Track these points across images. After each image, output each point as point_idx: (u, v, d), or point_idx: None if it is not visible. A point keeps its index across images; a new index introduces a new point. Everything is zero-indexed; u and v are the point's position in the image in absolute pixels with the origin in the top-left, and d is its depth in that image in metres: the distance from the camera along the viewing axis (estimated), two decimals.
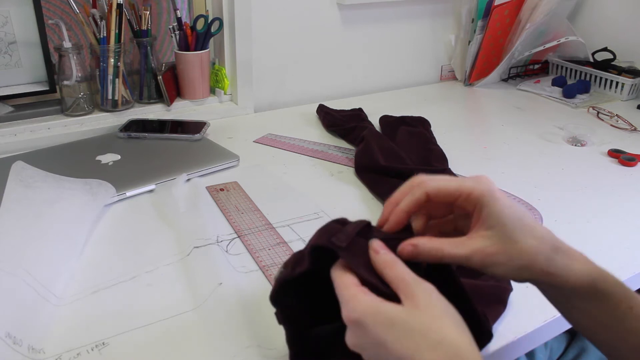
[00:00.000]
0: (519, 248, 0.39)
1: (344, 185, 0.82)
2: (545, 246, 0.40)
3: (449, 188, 0.41)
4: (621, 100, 1.25)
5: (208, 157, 0.86)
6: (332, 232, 0.42)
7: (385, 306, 0.36)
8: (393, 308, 0.36)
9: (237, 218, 0.71)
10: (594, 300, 0.41)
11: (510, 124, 1.10)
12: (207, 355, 0.49)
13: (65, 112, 0.97)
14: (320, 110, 1.08)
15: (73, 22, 0.98)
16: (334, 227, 0.43)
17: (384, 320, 0.36)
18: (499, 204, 0.40)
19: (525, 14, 1.26)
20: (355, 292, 0.37)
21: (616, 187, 0.84)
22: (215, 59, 1.13)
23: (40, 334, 0.50)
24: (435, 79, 1.40)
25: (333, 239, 0.40)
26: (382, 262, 0.39)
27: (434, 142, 0.94)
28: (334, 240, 0.40)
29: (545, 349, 0.72)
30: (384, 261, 0.39)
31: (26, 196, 0.66)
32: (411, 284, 0.37)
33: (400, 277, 0.38)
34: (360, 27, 1.22)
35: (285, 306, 0.44)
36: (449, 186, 0.42)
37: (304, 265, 0.41)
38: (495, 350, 0.51)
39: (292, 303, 0.44)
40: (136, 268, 0.61)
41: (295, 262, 0.43)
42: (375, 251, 0.40)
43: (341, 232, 0.41)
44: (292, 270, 0.42)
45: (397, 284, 0.38)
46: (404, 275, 0.38)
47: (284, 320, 0.45)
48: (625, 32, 1.32)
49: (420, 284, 0.37)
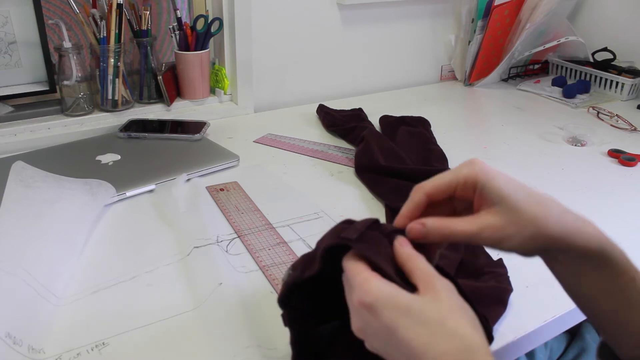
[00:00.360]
0: (527, 217, 0.39)
1: (344, 185, 0.82)
2: (553, 210, 0.40)
3: (445, 180, 0.42)
4: (621, 100, 1.25)
5: (208, 157, 0.86)
6: (341, 231, 0.41)
7: (401, 293, 0.36)
8: (410, 296, 0.36)
9: (237, 218, 0.71)
10: (600, 267, 0.41)
11: (510, 124, 1.10)
12: (207, 355, 0.49)
13: (65, 112, 0.97)
14: (320, 110, 1.08)
15: (73, 22, 0.98)
16: (342, 226, 0.42)
17: (399, 306, 0.35)
18: (496, 180, 0.40)
19: (525, 14, 1.26)
20: (368, 276, 0.37)
21: (616, 187, 0.84)
22: (215, 59, 1.13)
23: (40, 334, 0.50)
24: (435, 79, 1.40)
25: (342, 234, 0.40)
26: (407, 254, 0.39)
27: (434, 142, 0.94)
28: (343, 235, 0.40)
29: (545, 349, 0.72)
30: (408, 254, 0.39)
31: (26, 196, 0.66)
32: (434, 276, 0.37)
33: (422, 268, 0.38)
34: (360, 27, 1.22)
35: (292, 308, 0.44)
36: (444, 178, 0.42)
37: (315, 268, 0.41)
38: (495, 350, 0.51)
39: (298, 305, 0.44)
40: (136, 268, 0.61)
41: (305, 265, 0.42)
42: (400, 244, 0.40)
43: (350, 229, 0.41)
44: (301, 273, 0.42)
45: (418, 274, 0.38)
46: (426, 268, 0.38)
47: (290, 322, 0.44)
48: (625, 32, 1.32)
49: (441, 279, 0.37)
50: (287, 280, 0.43)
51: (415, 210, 0.42)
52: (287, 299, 0.43)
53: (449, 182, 0.41)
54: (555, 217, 0.40)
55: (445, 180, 0.41)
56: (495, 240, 0.39)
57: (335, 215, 0.73)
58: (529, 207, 0.39)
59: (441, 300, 0.36)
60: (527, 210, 0.39)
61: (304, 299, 0.44)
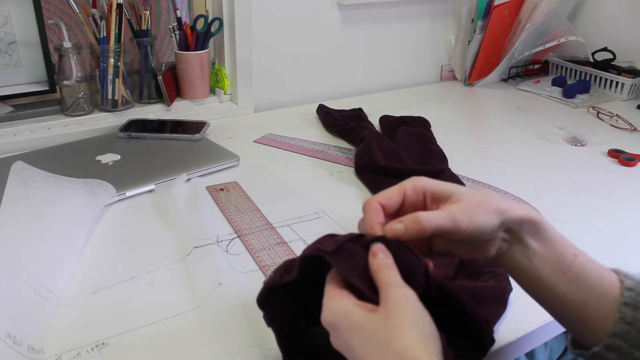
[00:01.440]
0: (478, 198, 0.42)
1: (344, 185, 0.82)
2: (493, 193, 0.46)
3: (393, 190, 0.44)
4: (621, 100, 1.25)
5: (208, 157, 0.86)
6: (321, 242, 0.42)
7: (356, 311, 0.37)
8: (364, 314, 0.37)
9: (237, 218, 0.71)
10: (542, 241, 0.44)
11: (510, 124, 1.10)
12: (207, 355, 0.49)
13: (65, 112, 0.97)
14: (320, 110, 1.08)
15: (73, 22, 0.98)
16: (325, 238, 0.43)
17: (352, 326, 0.36)
18: (439, 182, 0.44)
19: (525, 14, 1.26)
20: (332, 295, 0.38)
21: (616, 187, 0.84)
22: (215, 59, 1.13)
23: (40, 334, 0.50)
24: (435, 79, 1.40)
25: (320, 245, 0.41)
26: (377, 265, 0.39)
27: (434, 142, 0.94)
28: (320, 247, 0.41)
29: (545, 349, 0.72)
30: (378, 264, 0.39)
31: (26, 196, 0.66)
32: (390, 289, 0.37)
33: (385, 280, 0.38)
34: (360, 27, 1.22)
35: (272, 309, 0.45)
36: (392, 189, 0.44)
37: (292, 275, 0.42)
38: (495, 350, 0.51)
39: (280, 307, 0.45)
40: (136, 268, 0.61)
41: (285, 270, 0.44)
42: (373, 254, 0.40)
43: (329, 241, 0.42)
44: (280, 277, 0.43)
45: (380, 288, 0.38)
46: (388, 279, 0.38)
47: (271, 322, 0.45)
48: (625, 32, 1.32)
49: (399, 289, 0.37)
50: (266, 282, 0.44)
51: (377, 216, 0.43)
52: (265, 300, 0.44)
53: (397, 191, 0.44)
54: (497, 196, 0.44)
55: (394, 191, 0.44)
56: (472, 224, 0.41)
57: (335, 215, 0.73)
58: (475, 192, 0.43)
59: (390, 317, 0.36)
60: (475, 193, 0.43)
61: (285, 302, 0.45)
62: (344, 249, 0.41)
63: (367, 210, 0.43)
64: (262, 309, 0.45)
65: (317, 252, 0.41)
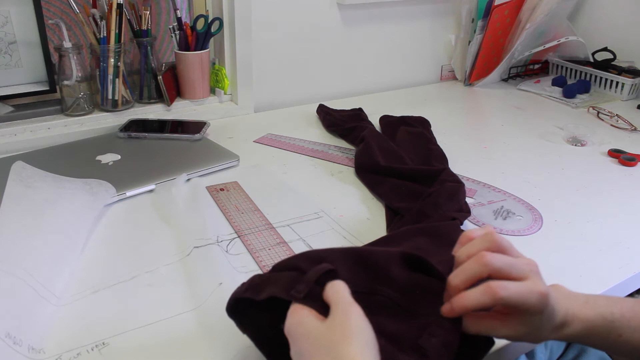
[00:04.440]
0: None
1: (344, 185, 0.82)
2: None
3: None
4: (621, 100, 1.25)
5: (208, 157, 0.86)
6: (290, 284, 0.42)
7: (308, 320, 0.39)
8: (314, 323, 0.39)
9: (237, 218, 0.71)
10: (590, 335, 0.46)
11: (510, 124, 1.10)
12: (207, 355, 0.49)
13: (65, 112, 0.97)
14: (320, 110, 1.08)
15: (73, 22, 0.98)
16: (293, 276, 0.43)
17: (303, 332, 0.39)
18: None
19: (525, 14, 1.26)
20: (295, 308, 0.41)
21: (616, 187, 0.84)
22: (215, 59, 1.13)
23: (40, 334, 0.50)
24: (435, 79, 1.40)
25: (292, 291, 0.41)
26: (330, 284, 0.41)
27: (434, 142, 0.94)
28: (292, 293, 0.41)
29: (545, 349, 0.72)
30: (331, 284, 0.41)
31: (26, 196, 0.66)
32: (338, 303, 0.39)
33: (333, 296, 0.40)
34: (360, 27, 1.22)
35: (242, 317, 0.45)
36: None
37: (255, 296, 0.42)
38: (495, 350, 0.51)
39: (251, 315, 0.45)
40: (136, 268, 0.61)
41: (250, 286, 0.44)
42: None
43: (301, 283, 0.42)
44: (244, 292, 0.43)
45: (330, 303, 0.40)
46: (337, 295, 0.40)
47: (245, 330, 0.46)
48: (625, 32, 1.32)
49: (347, 306, 0.39)
50: (234, 292, 0.44)
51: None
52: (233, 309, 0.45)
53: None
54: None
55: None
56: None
57: (335, 215, 0.73)
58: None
59: (336, 325, 0.38)
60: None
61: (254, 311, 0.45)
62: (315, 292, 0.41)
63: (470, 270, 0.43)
64: (232, 319, 0.45)
65: (288, 297, 0.41)
